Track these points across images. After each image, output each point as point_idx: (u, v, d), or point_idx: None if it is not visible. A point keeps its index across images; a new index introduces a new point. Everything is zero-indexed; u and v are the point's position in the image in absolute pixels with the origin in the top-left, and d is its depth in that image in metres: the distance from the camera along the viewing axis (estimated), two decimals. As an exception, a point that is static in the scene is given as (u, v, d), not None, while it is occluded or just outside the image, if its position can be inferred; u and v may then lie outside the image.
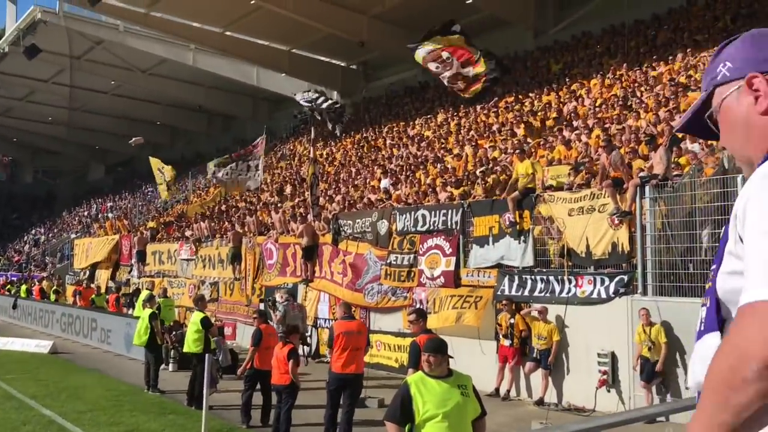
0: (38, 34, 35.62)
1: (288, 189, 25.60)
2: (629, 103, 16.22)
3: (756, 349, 1.21)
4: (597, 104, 17.42)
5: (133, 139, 30.91)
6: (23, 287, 30.49)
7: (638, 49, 20.47)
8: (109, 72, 41.80)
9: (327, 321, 16.39)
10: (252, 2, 28.09)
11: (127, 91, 45.14)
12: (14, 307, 27.18)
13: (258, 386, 10.42)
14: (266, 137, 23.31)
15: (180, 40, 35.68)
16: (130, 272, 26.98)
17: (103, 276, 29.17)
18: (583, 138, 15.00)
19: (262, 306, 18.41)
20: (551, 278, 11.75)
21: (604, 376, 10.48)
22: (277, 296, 16.27)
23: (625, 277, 10.65)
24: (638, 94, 16.80)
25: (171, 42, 36.33)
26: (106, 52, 38.91)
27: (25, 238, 54.43)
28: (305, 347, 16.41)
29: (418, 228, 14.57)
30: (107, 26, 36.04)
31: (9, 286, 34.08)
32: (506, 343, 11.93)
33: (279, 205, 23.61)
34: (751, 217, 1.28)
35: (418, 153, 21.68)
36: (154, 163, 28.21)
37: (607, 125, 15.30)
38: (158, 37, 35.71)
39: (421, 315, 8.16)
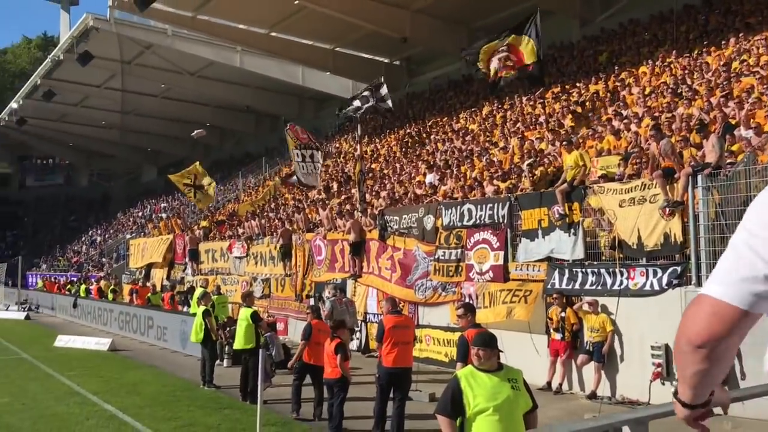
0: (91, 41, 36.66)
1: (334, 186, 25.81)
2: (679, 91, 15.86)
3: (689, 331, 1.64)
4: (646, 93, 17.08)
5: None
6: (82, 287, 31.50)
7: (688, 35, 19.98)
8: (159, 75, 42.75)
9: (376, 316, 16.49)
10: (296, 2, 28.37)
11: (176, 93, 46.09)
12: (74, 306, 28.12)
13: (309, 380, 10.59)
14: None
15: (227, 42, 36.26)
16: (184, 270, 27.60)
17: (158, 275, 29.91)
18: (633, 127, 14.73)
19: (312, 302, 18.66)
20: (602, 271, 11.60)
21: (659, 369, 10.31)
22: (326, 292, 16.47)
23: (679, 269, 10.46)
24: (689, 81, 16.41)
25: (218, 44, 36.96)
26: (155, 56, 39.80)
27: (83, 239, 56.11)
28: (354, 342, 16.59)
29: (465, 222, 14.54)
30: (156, 31, 36.85)
31: (69, 286, 35.27)
32: (557, 336, 11.83)
33: (326, 201, 23.84)
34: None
35: (463, 147, 21.60)
36: (177, 179, 27.89)
37: (656, 114, 15.00)
38: (205, 39, 36.37)
39: (469, 309, 8.17)
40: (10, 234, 66.19)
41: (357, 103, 20.36)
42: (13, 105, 51.44)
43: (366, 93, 20.12)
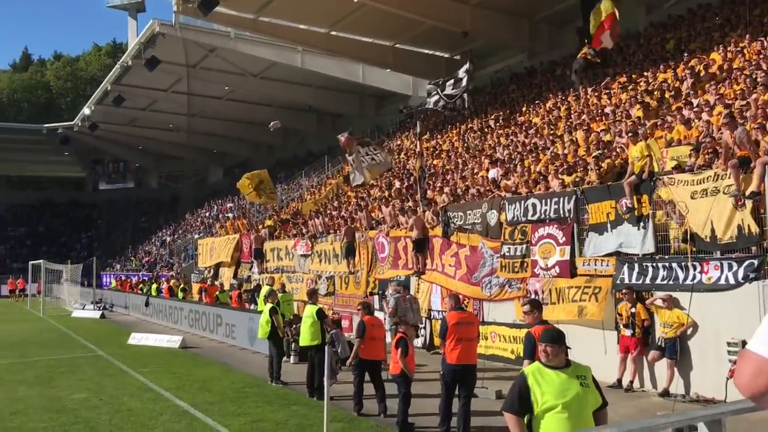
0: (157, 46, 37.70)
1: (396, 183, 25.82)
2: (754, 77, 15.20)
3: (738, 382, 1.92)
4: (718, 80, 16.44)
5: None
6: (153, 286, 32.45)
7: (762, 18, 19.12)
8: (223, 78, 43.65)
9: (440, 312, 16.42)
10: (355, 0, 28.47)
11: (240, 95, 46.98)
12: (146, 304, 29.00)
13: (368, 377, 10.67)
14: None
15: (288, 43, 36.72)
16: (250, 269, 28.13)
17: (226, 273, 30.58)
18: (704, 116, 14.20)
19: (376, 299, 18.74)
20: (674, 265, 11.23)
21: (735, 366, 9.91)
22: (389, 289, 16.51)
23: (755, 262, 10.03)
24: (764, 66, 15.70)
25: (279, 45, 37.46)
26: (219, 59, 40.65)
27: (153, 239, 57.86)
28: (418, 338, 16.58)
29: (529, 217, 14.32)
30: (219, 34, 37.62)
31: (141, 285, 36.40)
32: (627, 333, 11.53)
33: (389, 199, 23.87)
34: None
35: (527, 141, 21.27)
36: (244, 185, 28.29)
37: (729, 101, 14.42)
38: (267, 41, 36.92)
39: (536, 306, 8.03)
40: (85, 236, 68.83)
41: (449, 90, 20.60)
42: (86, 111, 53.43)
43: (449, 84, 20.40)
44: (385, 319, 16.24)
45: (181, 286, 30.83)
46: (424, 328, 16.96)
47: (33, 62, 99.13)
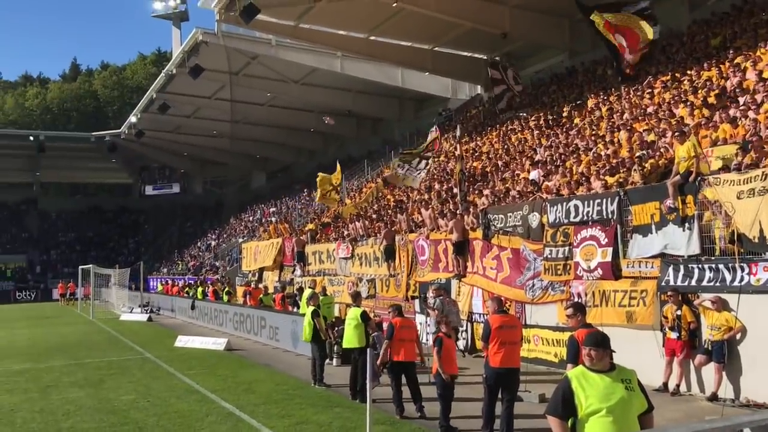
0: (201, 54, 38.38)
1: (436, 186, 25.82)
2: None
3: None
4: (765, 77, 16.05)
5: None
6: (199, 289, 33.01)
7: (812, 13, 18.62)
8: (265, 84, 44.21)
9: (481, 316, 16.38)
10: (394, 5, 28.58)
11: (281, 101, 47.51)
12: (192, 307, 29.52)
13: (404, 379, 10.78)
14: (438, 132, 23.97)
15: (328, 49, 37.04)
16: (293, 272, 28.43)
17: (270, 277, 30.96)
18: (751, 114, 13.90)
19: (416, 302, 18.77)
20: (720, 266, 11.01)
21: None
22: (430, 292, 16.52)
23: (807, 263, 9.79)
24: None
25: (319, 51, 37.80)
26: (260, 66, 41.19)
27: (199, 244, 58.85)
28: (460, 341, 16.57)
29: (571, 219, 14.19)
30: (260, 41, 38.12)
31: (187, 289, 37.06)
32: (673, 335, 11.35)
33: (428, 202, 23.88)
34: None
35: (568, 141, 21.06)
36: (323, 181, 29.30)
37: (778, 98, 14.08)
38: (307, 47, 37.28)
39: (579, 309, 7.96)
40: (132, 240, 70.37)
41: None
42: (132, 119, 54.70)
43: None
44: (428, 322, 16.29)
45: (226, 289, 31.29)
46: (465, 331, 16.93)
47: (81, 72, 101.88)
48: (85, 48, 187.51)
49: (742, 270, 10.61)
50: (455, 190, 21.75)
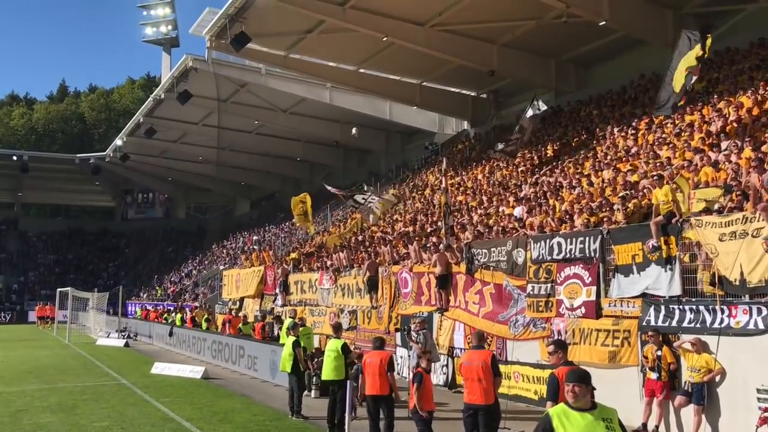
0: (190, 80, 38.52)
1: (420, 219, 25.87)
2: (784, 120, 15.12)
3: None
4: (747, 122, 16.35)
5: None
6: (178, 316, 32.64)
7: (792, 62, 19.07)
8: (253, 113, 44.33)
9: (462, 351, 16.31)
10: (384, 39, 28.93)
11: (269, 129, 47.61)
12: (170, 334, 29.15)
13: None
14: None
15: (317, 80, 37.33)
16: (274, 301, 28.21)
17: (250, 305, 30.69)
18: (733, 158, 14.12)
19: (398, 335, 18.64)
20: (701, 308, 11.08)
21: (766, 414, 9.69)
22: (413, 326, 16.44)
23: (786, 307, 9.87)
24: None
25: (309, 81, 38.08)
26: (249, 94, 41.36)
27: (180, 270, 58.34)
28: (441, 376, 16.45)
29: (554, 256, 14.25)
30: (250, 70, 38.35)
31: (166, 315, 36.63)
32: (653, 376, 11.34)
33: (413, 234, 23.89)
34: None
35: (552, 179, 21.25)
36: (296, 201, 29.46)
37: (759, 144, 14.33)
38: (297, 77, 37.55)
39: (561, 346, 7.95)
40: (112, 264, 69.66)
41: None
42: (118, 142, 54.55)
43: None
44: (410, 355, 16.17)
45: (205, 316, 30.96)
46: (446, 366, 16.84)
47: (69, 94, 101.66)
48: (74, 70, 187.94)
49: (723, 312, 10.67)
50: (439, 224, 21.80)
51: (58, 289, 42.61)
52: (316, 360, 16.21)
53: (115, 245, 72.12)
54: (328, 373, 12.34)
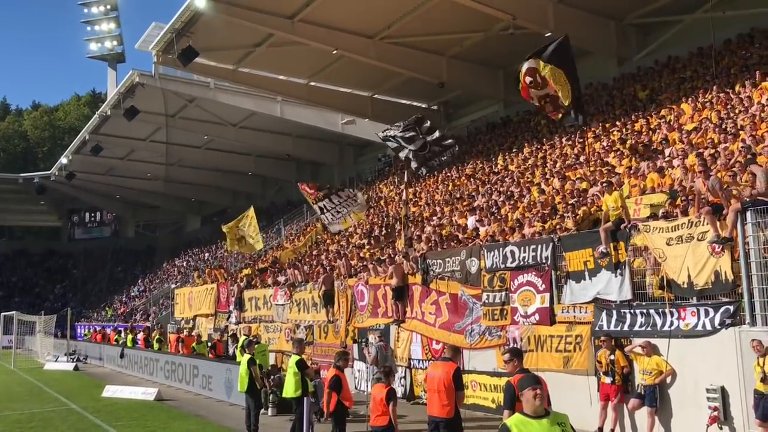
0: (137, 96, 37.87)
1: (376, 231, 25.88)
2: (724, 126, 15.62)
3: None
4: (689, 129, 16.86)
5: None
6: (129, 337, 31.86)
7: (729, 70, 19.75)
8: (202, 127, 43.83)
9: (420, 362, 16.31)
10: (334, 52, 28.96)
11: (219, 144, 47.13)
12: (122, 356, 28.43)
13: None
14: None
15: (267, 93, 37.13)
16: (227, 318, 27.79)
17: (204, 324, 30.16)
18: (677, 164, 14.52)
19: (355, 348, 18.55)
20: (651, 311, 11.32)
21: (715, 413, 9.94)
22: (370, 337, 16.43)
23: (731, 308, 10.14)
24: (732, 116, 16.17)
25: (259, 95, 37.85)
26: (198, 108, 40.90)
27: (130, 289, 57.11)
28: (398, 388, 16.42)
29: (508, 264, 14.39)
30: (199, 84, 37.91)
31: (116, 337, 35.72)
32: (607, 380, 11.52)
33: (367, 247, 23.89)
34: None
35: (503, 189, 21.52)
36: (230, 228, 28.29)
37: (701, 150, 14.76)
38: (246, 91, 37.29)
39: (516, 354, 7.97)
40: (60, 286, 67.73)
41: (402, 142, 19.96)
42: (63, 160, 53.18)
43: (410, 133, 19.74)
44: (366, 368, 16.11)
45: (157, 336, 30.29)
46: (404, 377, 16.81)
47: (11, 112, 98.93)
48: (15, 87, 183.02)
49: (672, 315, 10.92)
50: (395, 234, 21.84)
51: (2, 314, 41.17)
52: (272, 377, 15.99)
53: (62, 266, 70.17)
54: (286, 390, 12.13)
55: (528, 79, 15.31)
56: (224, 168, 52.88)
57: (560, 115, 15.81)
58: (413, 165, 19.59)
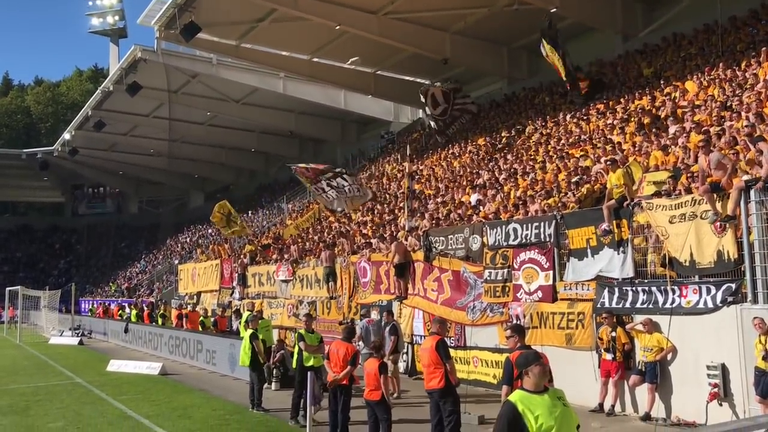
0: (139, 71, 37.70)
1: (378, 208, 25.90)
2: (729, 104, 15.53)
3: None
4: (694, 107, 16.77)
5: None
6: (133, 312, 32.08)
7: (735, 47, 19.59)
8: (205, 104, 43.68)
9: (423, 338, 16.41)
10: (337, 28, 28.76)
11: (221, 121, 47.00)
12: (126, 331, 28.64)
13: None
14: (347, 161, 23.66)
15: (270, 69, 36.93)
16: (231, 294, 27.94)
17: (208, 299, 30.33)
18: (681, 142, 14.47)
19: (359, 324, 18.63)
20: (653, 289, 11.35)
21: (715, 389, 10.01)
22: (373, 314, 16.53)
23: (733, 285, 10.16)
24: (738, 93, 16.07)
25: (261, 71, 37.65)
26: (201, 84, 40.72)
27: (133, 265, 57.33)
28: (401, 363, 16.54)
29: (510, 242, 14.42)
30: (201, 60, 37.71)
31: (121, 312, 35.98)
32: (608, 357, 11.60)
33: (370, 224, 23.93)
34: None
35: (506, 166, 21.49)
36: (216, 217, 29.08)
37: (705, 128, 14.70)
38: (249, 67, 37.09)
39: (517, 331, 8.04)
40: (64, 261, 68.04)
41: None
42: (66, 136, 53.16)
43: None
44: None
45: (161, 311, 30.48)
46: (406, 353, 16.92)
47: (13, 87, 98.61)
48: (18, 63, 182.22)
49: (674, 293, 10.95)
50: (397, 212, 21.87)
51: (8, 288, 41.45)
52: (277, 353, 16.13)
53: (66, 242, 70.46)
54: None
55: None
56: (227, 145, 52.80)
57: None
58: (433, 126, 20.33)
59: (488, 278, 14.70)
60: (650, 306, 11.29)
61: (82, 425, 12.02)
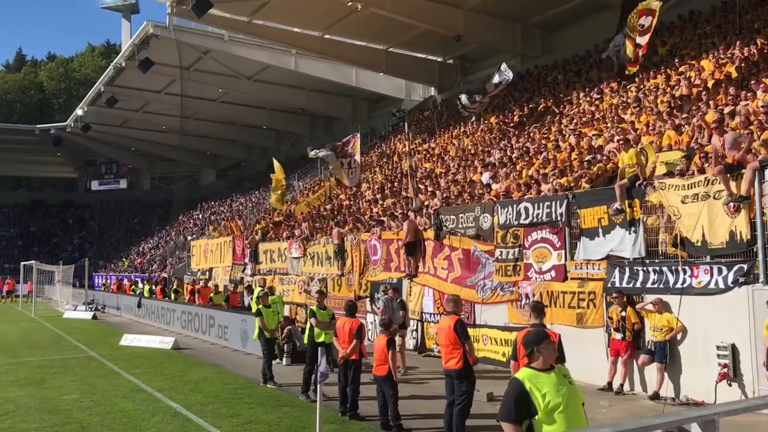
0: (151, 48, 37.69)
1: (388, 186, 25.89)
2: (745, 83, 15.34)
3: None
4: (709, 85, 16.58)
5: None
6: (146, 287, 32.36)
7: (752, 25, 19.29)
8: (217, 80, 43.65)
9: (432, 315, 16.48)
10: (349, 4, 28.55)
11: (233, 97, 46.98)
12: (139, 306, 28.93)
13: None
14: (359, 135, 23.84)
15: (282, 46, 36.79)
16: (243, 270, 28.13)
17: (220, 275, 30.56)
18: (695, 121, 14.33)
19: (367, 302, 18.75)
20: (664, 269, 11.32)
21: (725, 370, 10.02)
22: (382, 290, 16.60)
23: (745, 266, 10.12)
24: (755, 72, 15.86)
25: (273, 48, 37.53)
26: (212, 61, 40.66)
27: (146, 241, 57.73)
28: (410, 341, 16.65)
29: (521, 221, 14.40)
30: (213, 36, 37.63)
31: (134, 287, 36.31)
32: (618, 336, 11.61)
33: (380, 202, 23.94)
34: None
35: (519, 144, 21.38)
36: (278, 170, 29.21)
37: (720, 107, 14.55)
38: (261, 44, 36.98)
39: (534, 309, 8.09)
40: (77, 236, 68.61)
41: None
42: (78, 112, 53.32)
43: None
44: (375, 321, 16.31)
45: (174, 287, 30.74)
46: (416, 330, 17.02)
47: (26, 63, 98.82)
48: (31, 38, 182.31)
49: (685, 273, 10.92)
50: (409, 187, 21.87)
51: (22, 263, 41.90)
52: (286, 328, 16.25)
53: (80, 217, 71.00)
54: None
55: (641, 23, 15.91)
56: (239, 122, 52.82)
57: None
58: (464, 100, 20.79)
59: (499, 257, 14.71)
60: (661, 286, 11.27)
61: (96, 397, 12.20)
